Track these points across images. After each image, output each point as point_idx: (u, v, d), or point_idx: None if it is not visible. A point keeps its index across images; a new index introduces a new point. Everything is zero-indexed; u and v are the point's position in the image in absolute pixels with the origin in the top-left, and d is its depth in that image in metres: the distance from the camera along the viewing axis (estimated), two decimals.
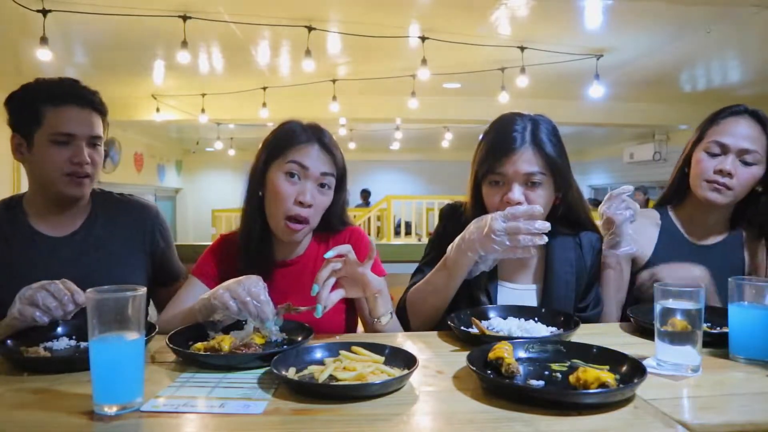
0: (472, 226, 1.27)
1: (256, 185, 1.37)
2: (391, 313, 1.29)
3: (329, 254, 1.19)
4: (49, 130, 1.36)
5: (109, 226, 1.50)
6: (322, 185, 1.33)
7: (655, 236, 1.57)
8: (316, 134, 1.35)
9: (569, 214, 1.45)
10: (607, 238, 1.45)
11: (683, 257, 1.51)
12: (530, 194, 1.32)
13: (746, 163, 1.45)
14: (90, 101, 1.41)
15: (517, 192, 1.31)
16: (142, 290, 0.83)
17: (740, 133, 1.46)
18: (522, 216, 1.21)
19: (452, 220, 1.47)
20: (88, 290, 0.81)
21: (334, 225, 1.45)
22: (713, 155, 1.48)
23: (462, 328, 1.19)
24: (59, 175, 1.37)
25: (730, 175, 1.44)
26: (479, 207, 1.41)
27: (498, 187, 1.34)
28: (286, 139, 1.34)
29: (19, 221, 1.43)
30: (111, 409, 0.79)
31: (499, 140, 1.35)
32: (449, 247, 1.32)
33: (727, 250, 1.53)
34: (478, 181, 1.40)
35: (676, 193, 1.62)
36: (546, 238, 1.21)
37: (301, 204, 1.30)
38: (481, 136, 1.43)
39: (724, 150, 1.46)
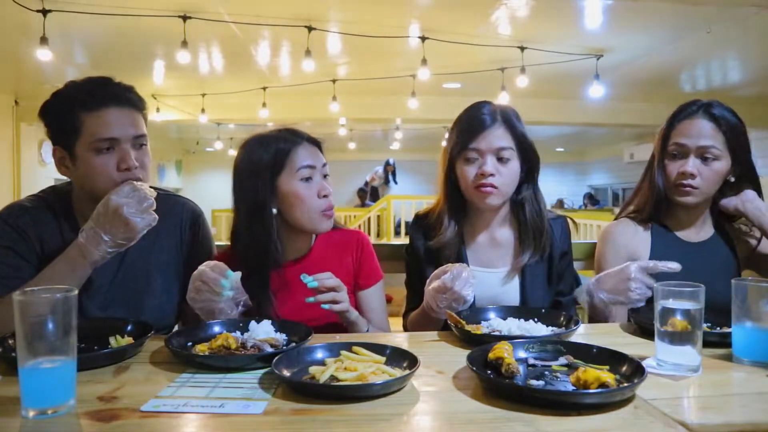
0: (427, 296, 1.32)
1: (266, 204, 1.36)
2: (365, 331, 1.36)
3: (309, 282, 1.25)
4: (89, 138, 1.24)
5: (151, 236, 1.32)
6: (325, 176, 1.43)
7: (648, 237, 1.57)
8: (303, 136, 1.43)
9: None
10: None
11: (677, 257, 1.50)
12: (501, 168, 1.43)
13: (707, 160, 1.48)
14: (128, 99, 1.30)
15: (490, 164, 1.41)
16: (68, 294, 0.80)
17: (696, 132, 1.49)
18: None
19: (417, 233, 1.57)
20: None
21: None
22: (675, 158, 1.51)
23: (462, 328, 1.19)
24: (111, 186, 1.23)
25: (692, 176, 1.47)
26: (453, 192, 1.50)
27: (473, 162, 1.44)
28: (284, 152, 1.37)
29: (71, 225, 1.33)
30: (36, 413, 0.78)
31: (471, 121, 1.47)
32: (425, 300, 1.35)
33: (717, 244, 1.57)
34: (452, 162, 1.49)
35: (661, 203, 1.55)
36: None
37: (326, 197, 1.40)
38: (450, 126, 1.53)
39: (685, 151, 1.49)
